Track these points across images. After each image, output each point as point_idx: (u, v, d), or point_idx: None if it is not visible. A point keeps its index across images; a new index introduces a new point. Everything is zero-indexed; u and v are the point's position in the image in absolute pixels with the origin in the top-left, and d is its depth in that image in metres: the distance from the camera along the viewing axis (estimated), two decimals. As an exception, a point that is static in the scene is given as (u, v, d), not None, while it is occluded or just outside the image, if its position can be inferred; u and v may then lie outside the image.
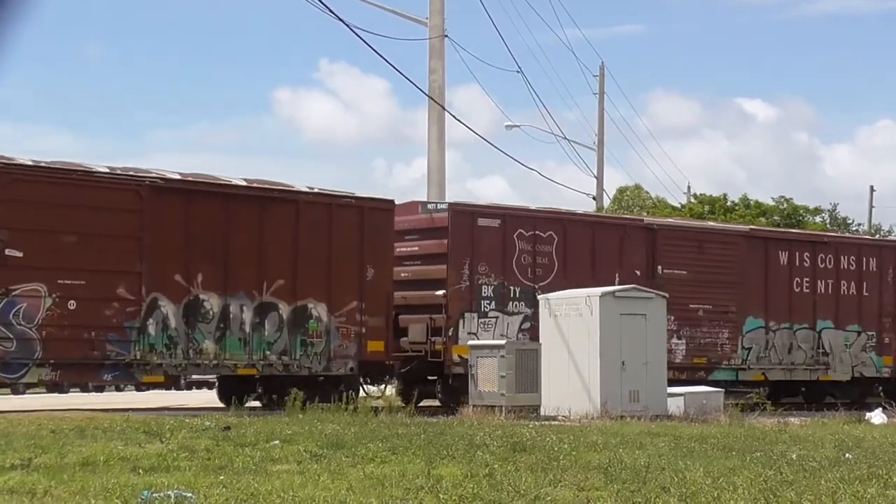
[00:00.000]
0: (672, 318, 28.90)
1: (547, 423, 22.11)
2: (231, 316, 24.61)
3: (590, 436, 18.07)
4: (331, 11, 26.25)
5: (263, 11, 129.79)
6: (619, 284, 28.16)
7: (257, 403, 25.76)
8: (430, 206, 28.49)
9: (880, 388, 32.81)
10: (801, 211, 60.95)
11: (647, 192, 68.79)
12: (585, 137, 55.52)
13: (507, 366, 24.10)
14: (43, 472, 12.52)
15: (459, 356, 26.83)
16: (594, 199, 53.20)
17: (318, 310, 25.74)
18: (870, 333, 34.60)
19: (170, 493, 11.06)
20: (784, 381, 33.34)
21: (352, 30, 27.77)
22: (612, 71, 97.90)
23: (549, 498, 11.53)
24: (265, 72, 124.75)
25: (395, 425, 18.98)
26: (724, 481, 12.56)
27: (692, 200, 62.57)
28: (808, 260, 33.61)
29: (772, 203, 60.88)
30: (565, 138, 60.62)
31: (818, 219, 62.87)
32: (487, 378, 24.38)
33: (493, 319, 28.11)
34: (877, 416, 25.74)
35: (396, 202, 27.70)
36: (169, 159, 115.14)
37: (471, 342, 26.10)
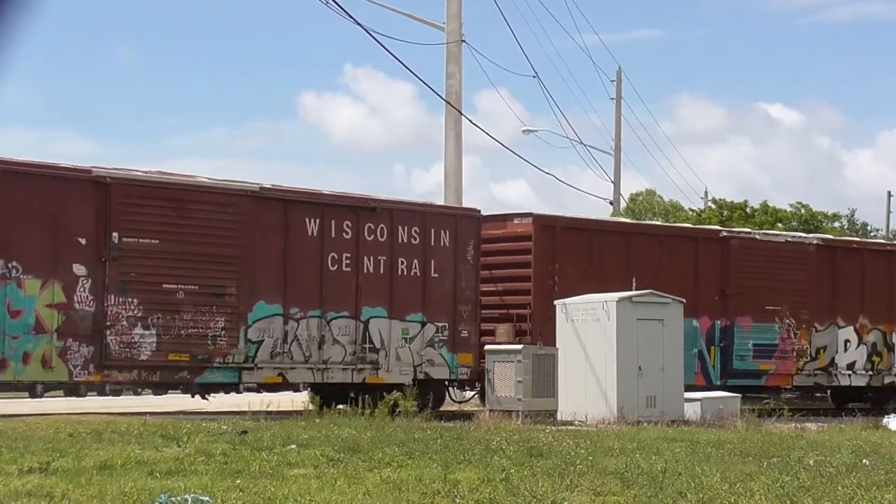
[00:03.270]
0: (136, 301, 23.58)
1: (564, 427, 22.10)
2: None
3: (606, 441, 18.06)
4: (349, 16, 26.40)
5: (286, 17, 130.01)
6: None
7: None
8: None
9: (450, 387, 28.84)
10: (819, 216, 60.70)
11: (660, 197, 68.68)
12: (605, 143, 55.46)
13: (523, 371, 24.10)
14: (61, 475, 12.56)
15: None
16: (611, 203, 53.21)
17: None
18: (440, 325, 27.57)
19: (187, 496, 11.09)
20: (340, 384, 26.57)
21: (370, 34, 27.86)
22: (632, 76, 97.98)
23: (565, 503, 11.53)
24: (289, 77, 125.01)
25: (411, 430, 18.99)
26: (741, 487, 12.55)
27: (710, 206, 62.44)
28: (349, 230, 26.31)
29: (789, 209, 60.71)
30: (581, 143, 60.64)
31: (836, 224, 62.67)
32: (504, 383, 24.38)
33: None
34: (895, 422, 25.64)
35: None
36: (189, 164, 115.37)
37: (487, 346, 26.13)
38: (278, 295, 25.34)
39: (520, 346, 25.14)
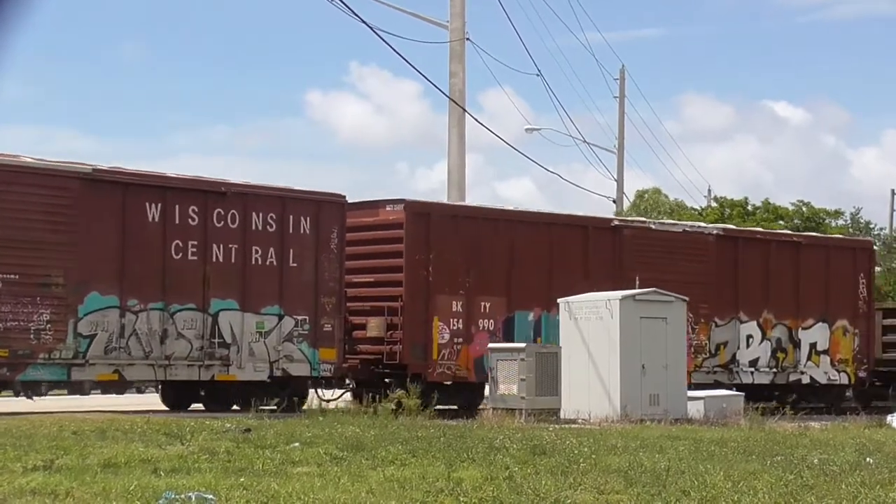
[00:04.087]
0: None
1: (567, 426, 22.11)
2: None
3: (610, 439, 18.07)
4: (354, 14, 26.38)
5: (292, 15, 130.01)
6: None
7: None
8: None
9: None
10: (822, 214, 60.57)
11: (666, 196, 68.67)
12: (609, 141, 55.48)
13: (526, 369, 24.11)
14: (65, 473, 12.57)
15: None
16: (614, 202, 53.22)
17: None
18: (299, 318, 25.90)
19: (190, 494, 11.11)
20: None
21: (375, 32, 27.84)
22: (635, 74, 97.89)
23: (569, 501, 11.54)
24: (294, 75, 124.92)
25: (415, 428, 19.00)
26: (745, 485, 12.56)
27: (713, 204, 62.43)
28: (195, 216, 24.51)
29: (791, 207, 60.63)
30: (585, 141, 60.61)
31: (840, 222, 62.61)
32: (507, 381, 24.39)
33: None
34: (898, 421, 25.63)
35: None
36: (192, 162, 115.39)
37: (491, 345, 26.13)
38: (114, 285, 23.54)
39: (523, 345, 25.16)
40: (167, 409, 25.08)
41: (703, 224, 33.74)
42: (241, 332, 24.98)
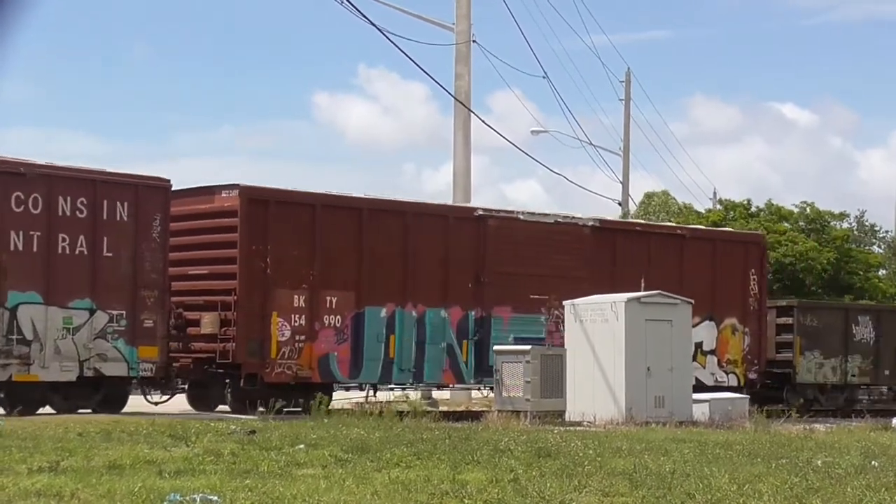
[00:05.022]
0: None
1: (572, 428, 22.10)
2: None
3: (615, 441, 18.06)
4: (363, 16, 26.44)
5: (300, 17, 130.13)
6: None
7: None
8: None
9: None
10: (826, 216, 60.44)
11: (675, 198, 68.66)
12: (615, 143, 55.44)
13: (532, 371, 24.11)
14: (70, 474, 12.58)
15: None
16: (619, 204, 53.22)
17: None
18: (115, 313, 23.56)
19: (195, 496, 11.12)
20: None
21: (383, 33, 27.92)
22: (641, 77, 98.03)
23: (573, 503, 11.54)
24: (302, 77, 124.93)
25: (420, 430, 19.00)
26: (750, 488, 12.55)
27: (718, 206, 62.37)
28: None
29: (795, 209, 60.52)
30: (591, 143, 60.56)
31: (844, 224, 62.50)
32: (513, 383, 24.38)
33: None
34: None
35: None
36: (195, 164, 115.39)
37: (496, 346, 26.06)
38: None
39: (528, 347, 25.12)
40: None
41: (577, 215, 31.10)
42: (45, 327, 22.64)
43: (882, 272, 65.03)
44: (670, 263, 30.77)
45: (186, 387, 26.46)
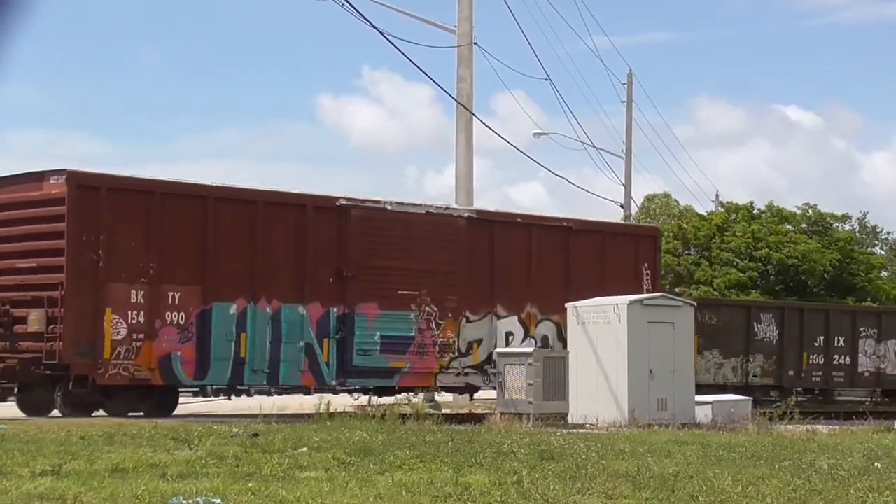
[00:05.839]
0: None
1: (575, 430, 22.10)
2: None
3: (618, 444, 18.05)
4: (364, 18, 26.52)
5: (304, 19, 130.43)
6: None
7: None
8: None
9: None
10: (828, 218, 60.42)
11: (676, 200, 68.76)
12: (618, 145, 55.49)
13: (534, 374, 24.13)
14: (73, 478, 12.57)
15: None
16: (622, 206, 53.23)
17: None
18: None
19: (199, 499, 11.12)
20: None
21: (384, 36, 28.02)
22: (644, 79, 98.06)
23: (577, 506, 11.53)
24: (306, 79, 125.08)
25: (423, 433, 18.99)
26: (753, 490, 12.54)
27: (720, 209, 62.39)
28: None
29: (797, 211, 60.48)
30: (593, 146, 60.58)
31: (847, 226, 62.54)
32: (515, 386, 24.40)
33: None
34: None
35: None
36: (200, 166, 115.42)
37: (498, 349, 26.06)
38: None
39: (531, 349, 25.14)
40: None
41: (452, 205, 29.79)
42: None
43: (884, 273, 65.08)
44: (555, 257, 29.32)
45: (15, 390, 24.68)
